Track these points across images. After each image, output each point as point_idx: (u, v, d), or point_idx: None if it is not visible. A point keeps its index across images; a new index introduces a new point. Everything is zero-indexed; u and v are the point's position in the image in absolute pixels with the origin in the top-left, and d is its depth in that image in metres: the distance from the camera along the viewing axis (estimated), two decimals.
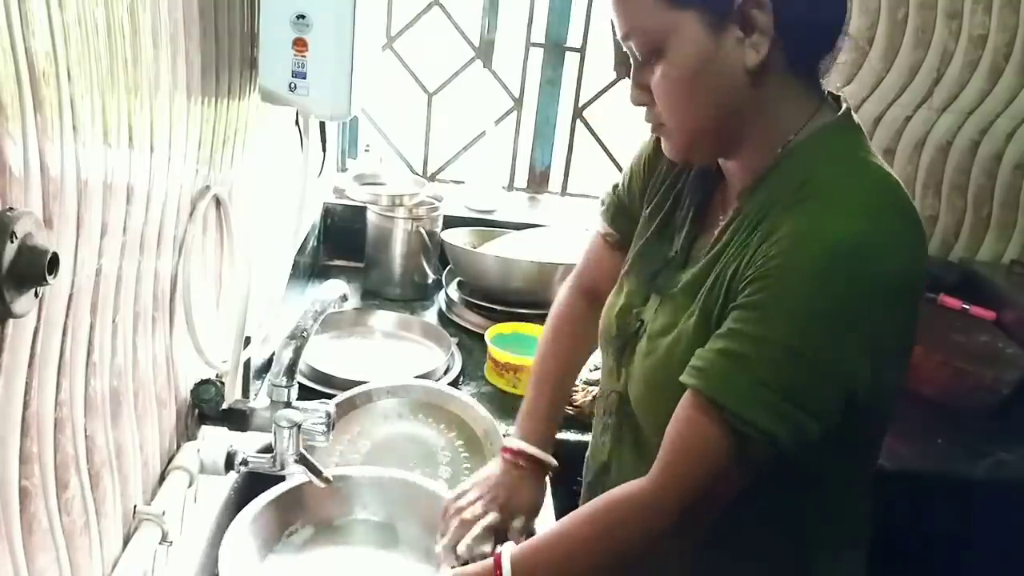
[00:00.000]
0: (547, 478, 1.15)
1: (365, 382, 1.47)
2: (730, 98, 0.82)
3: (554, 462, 1.13)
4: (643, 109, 0.89)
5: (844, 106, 0.86)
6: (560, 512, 1.25)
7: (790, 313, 0.76)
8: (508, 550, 0.90)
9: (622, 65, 0.88)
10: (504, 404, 1.50)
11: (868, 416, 0.83)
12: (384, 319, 1.78)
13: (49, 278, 0.59)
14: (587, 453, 1.14)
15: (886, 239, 0.76)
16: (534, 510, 1.12)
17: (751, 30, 0.78)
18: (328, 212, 2.06)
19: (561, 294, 1.21)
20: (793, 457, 0.77)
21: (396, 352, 1.70)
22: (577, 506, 1.14)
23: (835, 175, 0.80)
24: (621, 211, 1.10)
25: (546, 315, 1.25)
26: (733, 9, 0.77)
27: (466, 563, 0.99)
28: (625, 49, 0.85)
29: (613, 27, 0.87)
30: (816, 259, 0.75)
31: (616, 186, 1.11)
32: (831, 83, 0.89)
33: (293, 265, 1.64)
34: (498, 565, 0.89)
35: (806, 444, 0.77)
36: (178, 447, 1.06)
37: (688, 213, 0.96)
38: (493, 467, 1.13)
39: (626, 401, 0.97)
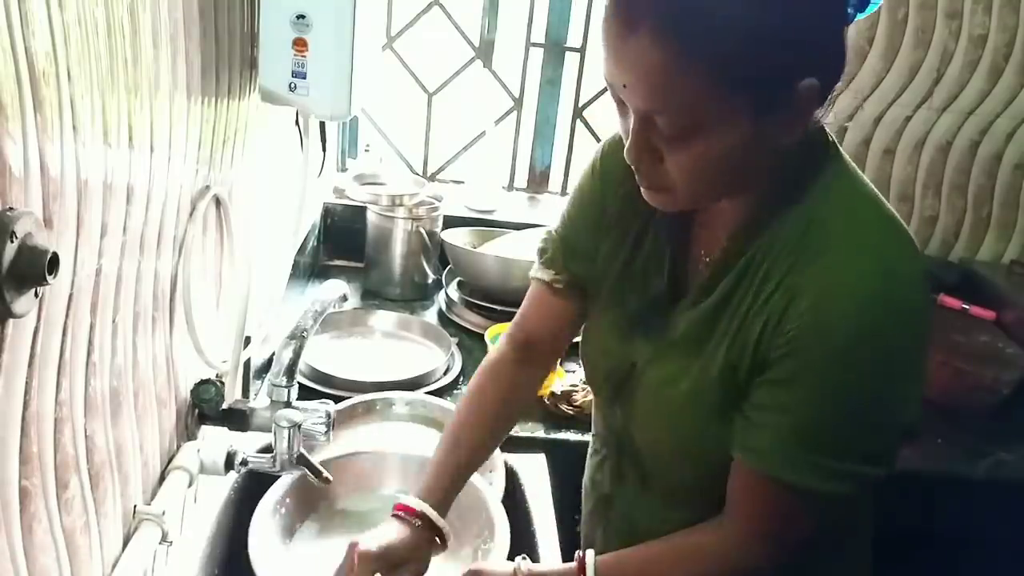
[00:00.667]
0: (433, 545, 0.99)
1: (365, 383, 1.47)
2: (751, 169, 0.78)
3: (446, 530, 0.98)
4: (644, 187, 0.82)
5: (823, 131, 0.82)
6: (560, 510, 1.25)
7: (836, 381, 0.76)
8: (592, 554, 0.90)
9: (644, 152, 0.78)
10: None
11: None
12: (384, 319, 1.78)
13: (49, 278, 0.59)
14: (584, 477, 1.13)
15: (907, 278, 0.76)
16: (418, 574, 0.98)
17: (794, 116, 0.73)
18: (328, 212, 2.06)
19: (496, 346, 1.10)
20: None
21: (396, 352, 1.70)
22: (576, 512, 1.15)
23: (846, 224, 0.78)
24: (569, 253, 1.00)
25: None
26: (790, 95, 0.71)
27: None
28: (634, 111, 0.76)
29: (614, 87, 0.78)
30: (853, 323, 0.74)
31: (553, 232, 1.03)
32: None
33: (293, 265, 1.64)
34: (582, 568, 0.90)
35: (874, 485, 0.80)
36: (178, 447, 1.06)
37: (665, 247, 0.90)
38: (388, 530, 0.95)
39: (627, 441, 0.97)
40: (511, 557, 0.96)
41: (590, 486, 1.10)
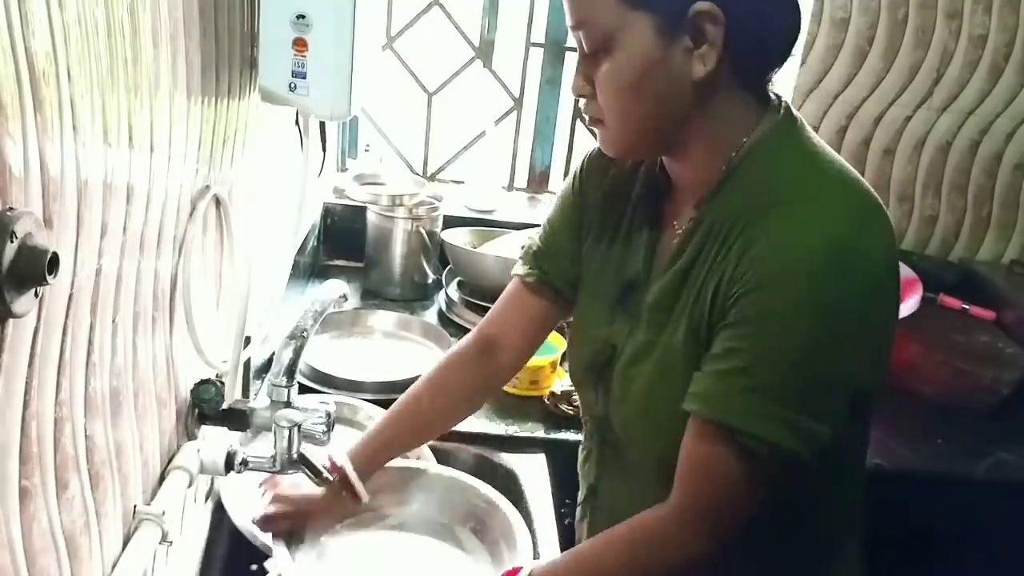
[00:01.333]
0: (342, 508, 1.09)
1: (365, 383, 1.47)
2: (673, 105, 0.81)
3: (365, 499, 1.06)
4: (587, 125, 0.89)
5: (782, 103, 0.85)
6: (559, 510, 1.25)
7: (785, 323, 0.75)
8: (528, 568, 0.90)
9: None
10: (504, 404, 1.50)
11: (866, 410, 0.83)
12: (384, 319, 1.78)
13: (49, 278, 0.59)
14: (580, 479, 1.13)
15: (867, 234, 0.76)
16: (320, 530, 1.07)
17: (701, 42, 0.77)
18: (328, 212, 2.06)
19: (463, 339, 1.14)
20: (810, 466, 0.77)
21: (396, 352, 1.70)
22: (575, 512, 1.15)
23: (798, 177, 0.80)
24: (543, 252, 1.05)
25: None
26: (686, 18, 0.76)
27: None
28: (573, 37, 0.83)
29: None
30: (804, 264, 0.74)
31: (534, 237, 1.08)
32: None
33: (293, 265, 1.64)
34: None
35: (821, 451, 0.76)
36: (178, 447, 1.06)
37: (641, 230, 0.93)
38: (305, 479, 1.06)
39: (607, 428, 0.97)
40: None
41: (580, 479, 1.11)
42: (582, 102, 0.87)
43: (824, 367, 0.76)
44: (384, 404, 1.42)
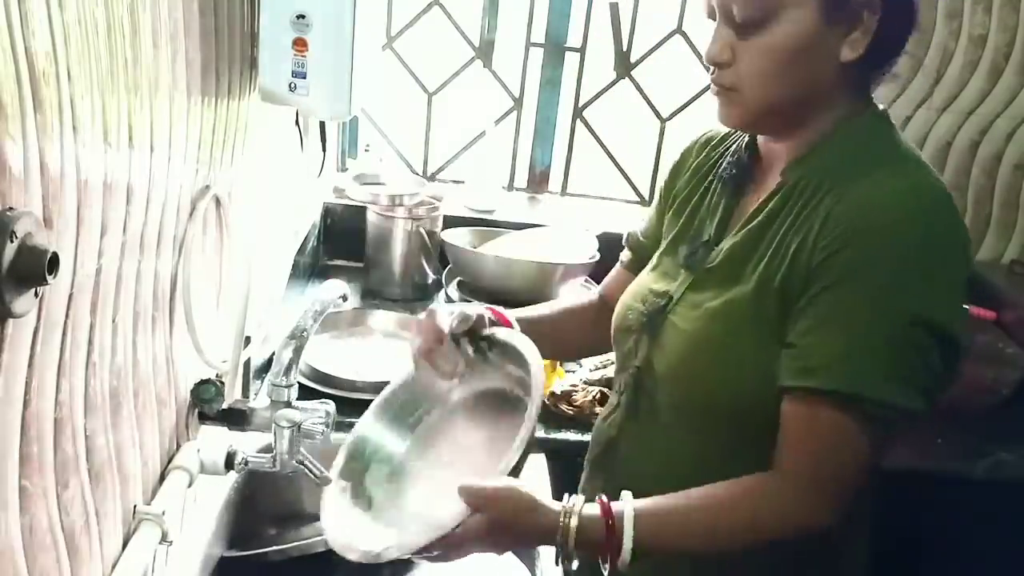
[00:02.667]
0: None
1: (365, 383, 1.47)
2: (815, 84, 0.85)
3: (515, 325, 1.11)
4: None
5: (882, 107, 0.91)
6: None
7: (880, 277, 0.78)
8: (632, 505, 0.84)
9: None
10: None
11: (956, 360, 0.83)
12: (384, 319, 1.78)
13: (49, 278, 0.59)
14: (591, 436, 1.12)
15: (945, 198, 0.82)
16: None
17: (856, 27, 0.82)
18: (328, 212, 2.06)
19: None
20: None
21: (396, 352, 1.70)
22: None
23: (887, 156, 0.85)
24: (639, 237, 1.14)
25: None
26: (849, 3, 0.81)
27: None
28: (714, 3, 0.85)
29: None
30: (892, 218, 0.78)
31: (639, 224, 1.16)
32: None
33: (293, 265, 1.64)
34: (608, 513, 0.82)
35: (934, 401, 0.79)
36: (178, 447, 1.06)
37: (722, 198, 0.97)
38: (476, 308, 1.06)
39: (646, 374, 0.97)
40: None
41: (596, 437, 1.09)
42: (716, 71, 0.88)
43: (919, 312, 0.77)
44: None
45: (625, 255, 1.17)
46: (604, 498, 0.84)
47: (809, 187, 0.85)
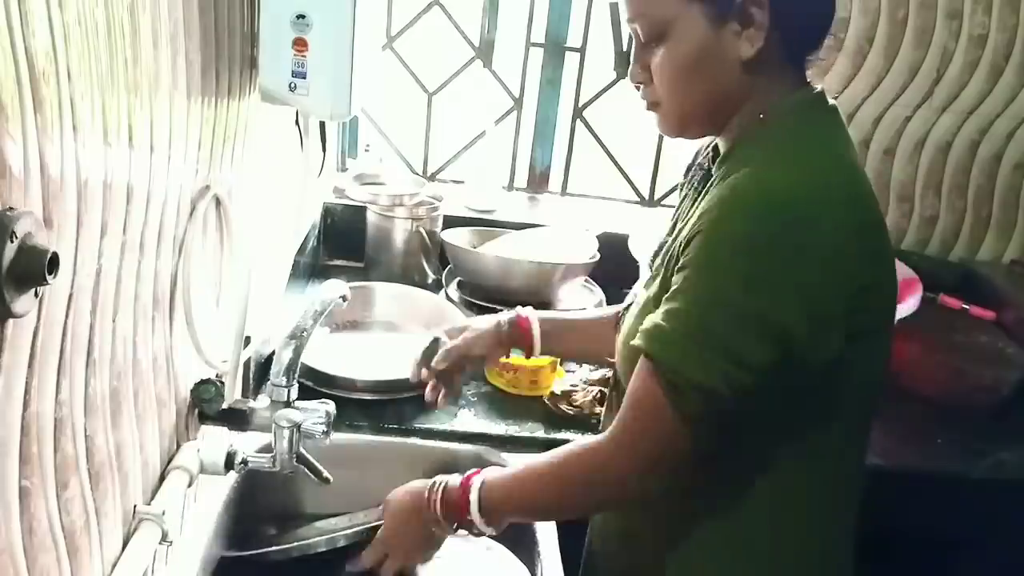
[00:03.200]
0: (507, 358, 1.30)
1: (364, 382, 1.47)
2: (723, 85, 0.88)
3: (536, 341, 1.22)
4: (641, 105, 0.94)
5: (819, 89, 0.90)
6: None
7: (716, 264, 0.80)
8: (482, 476, 0.95)
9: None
10: (504, 404, 1.50)
11: (831, 382, 0.84)
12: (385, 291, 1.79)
13: (49, 278, 0.59)
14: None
15: (820, 194, 0.79)
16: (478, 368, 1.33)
17: (748, 25, 0.84)
18: (328, 212, 2.05)
19: None
20: (735, 415, 0.81)
21: (396, 349, 1.69)
22: None
23: (790, 146, 0.85)
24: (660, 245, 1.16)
25: None
26: (735, 5, 0.83)
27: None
28: (629, 29, 0.90)
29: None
30: (746, 211, 0.79)
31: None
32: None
33: (293, 265, 1.64)
34: (465, 488, 0.95)
35: (745, 400, 0.79)
36: (178, 447, 1.06)
37: (687, 199, 1.01)
38: (488, 322, 1.24)
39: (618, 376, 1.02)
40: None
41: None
42: (641, 89, 0.93)
43: (744, 313, 0.78)
44: (383, 403, 1.43)
45: (648, 262, 1.20)
46: (470, 476, 0.97)
47: (713, 185, 0.88)
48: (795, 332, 0.78)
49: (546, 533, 1.19)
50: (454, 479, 0.98)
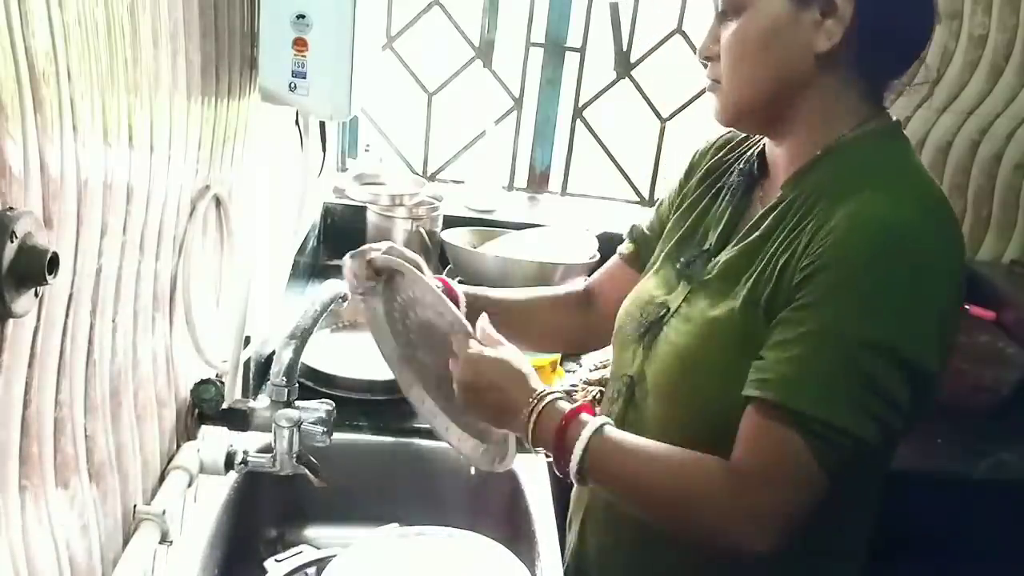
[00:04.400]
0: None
1: (363, 380, 1.47)
2: (790, 74, 0.84)
3: (461, 299, 1.10)
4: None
5: (894, 118, 0.88)
6: (560, 510, 1.25)
7: (853, 302, 0.76)
8: (600, 421, 0.86)
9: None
10: None
11: (930, 393, 0.82)
12: None
13: (49, 278, 0.59)
14: None
15: (936, 225, 0.80)
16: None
17: (830, 15, 0.80)
18: (328, 212, 2.05)
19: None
20: (875, 451, 0.77)
21: None
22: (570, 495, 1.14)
23: (884, 172, 0.83)
24: (644, 231, 1.13)
25: None
26: None
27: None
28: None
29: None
30: (872, 244, 0.76)
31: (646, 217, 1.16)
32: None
33: (293, 265, 1.64)
34: (569, 425, 0.86)
35: (888, 436, 0.77)
36: (178, 447, 1.06)
37: (727, 208, 0.96)
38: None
39: (639, 383, 0.97)
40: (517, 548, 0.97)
41: None
42: (708, 66, 0.89)
43: (892, 349, 0.76)
44: (383, 403, 1.43)
45: (625, 247, 1.15)
46: (582, 409, 0.88)
47: (805, 204, 0.84)
48: (933, 367, 0.78)
49: (546, 533, 1.19)
50: (557, 407, 0.88)
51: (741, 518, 0.79)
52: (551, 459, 0.89)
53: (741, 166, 0.98)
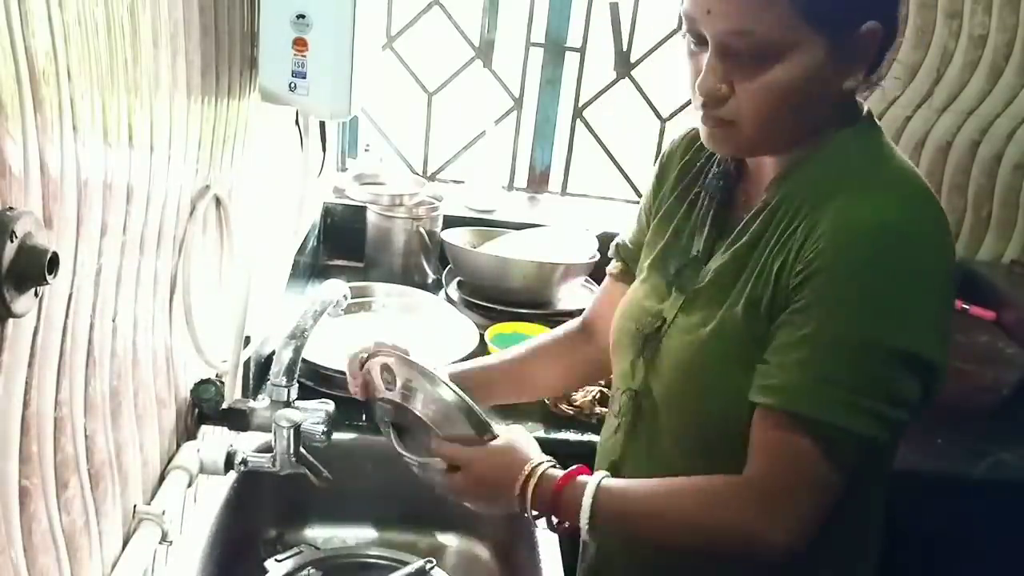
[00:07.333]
0: None
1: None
2: (815, 112, 0.84)
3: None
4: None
5: (865, 109, 0.89)
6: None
7: (851, 304, 0.77)
8: (598, 478, 0.87)
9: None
10: (504, 405, 1.50)
11: (935, 386, 0.83)
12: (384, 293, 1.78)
13: (49, 278, 0.59)
14: (596, 458, 1.11)
15: (927, 222, 0.80)
16: None
17: (858, 58, 0.81)
18: (328, 212, 2.06)
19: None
20: (885, 449, 0.80)
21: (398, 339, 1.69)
22: None
23: (865, 168, 0.83)
24: (627, 245, 1.12)
25: (546, 315, 1.25)
26: (854, 38, 0.80)
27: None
28: (716, 40, 0.80)
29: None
30: (866, 244, 0.77)
31: (625, 232, 1.15)
32: None
33: (293, 265, 1.64)
34: (567, 486, 0.88)
35: (897, 432, 0.78)
36: (178, 447, 1.06)
37: (708, 212, 0.96)
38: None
39: (644, 397, 0.96)
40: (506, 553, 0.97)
41: (600, 455, 1.08)
42: (702, 103, 0.84)
43: (894, 348, 0.77)
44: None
45: (613, 267, 1.14)
46: (575, 468, 0.89)
47: (793, 205, 0.84)
48: (937, 360, 0.79)
49: (548, 535, 1.19)
50: (549, 475, 0.90)
51: (770, 530, 0.80)
52: (551, 524, 0.90)
53: (717, 169, 0.97)
